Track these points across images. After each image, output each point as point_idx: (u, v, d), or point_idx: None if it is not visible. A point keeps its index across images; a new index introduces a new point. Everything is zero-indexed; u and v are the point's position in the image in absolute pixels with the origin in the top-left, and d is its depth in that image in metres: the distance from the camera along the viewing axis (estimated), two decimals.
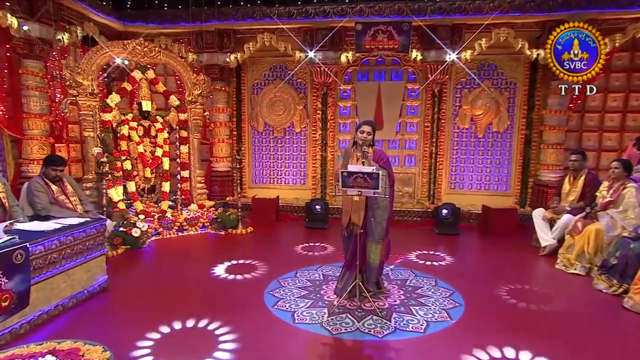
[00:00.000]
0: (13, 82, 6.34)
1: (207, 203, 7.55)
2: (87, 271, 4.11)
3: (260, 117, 8.55)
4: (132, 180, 6.81)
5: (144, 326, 3.53)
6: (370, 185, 3.71)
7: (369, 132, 3.99)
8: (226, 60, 7.92)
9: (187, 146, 7.46)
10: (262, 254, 5.71)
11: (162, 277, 4.87)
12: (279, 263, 5.25)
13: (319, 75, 7.80)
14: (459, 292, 4.39)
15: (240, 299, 4.15)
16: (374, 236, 4.03)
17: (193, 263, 5.31)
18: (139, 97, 6.99)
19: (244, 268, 5.08)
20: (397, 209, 7.87)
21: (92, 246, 4.18)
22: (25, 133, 6.40)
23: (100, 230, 4.30)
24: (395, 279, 4.80)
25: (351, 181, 3.74)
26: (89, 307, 3.95)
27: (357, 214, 4.02)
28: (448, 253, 5.90)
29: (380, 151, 4.13)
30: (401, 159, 8.29)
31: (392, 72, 8.10)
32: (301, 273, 4.91)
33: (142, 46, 6.87)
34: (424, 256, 5.70)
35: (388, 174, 4.00)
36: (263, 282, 4.58)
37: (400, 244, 6.35)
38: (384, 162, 4.02)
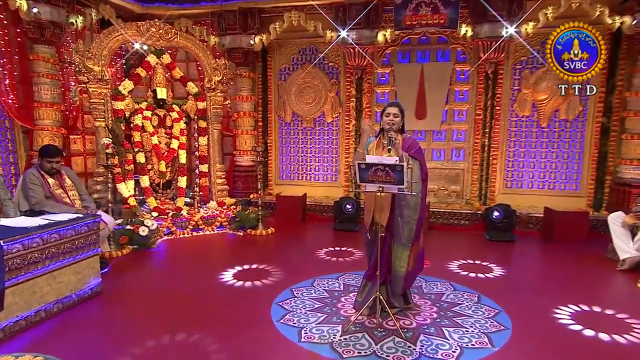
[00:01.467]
0: (24, 69, 6.44)
1: (228, 201, 7.39)
2: (76, 273, 3.98)
3: (288, 106, 8.31)
4: (145, 175, 6.75)
5: (129, 338, 3.33)
6: (393, 180, 3.31)
7: (395, 114, 3.64)
8: (250, 42, 7.72)
9: (206, 138, 7.33)
10: (279, 258, 5.47)
11: (164, 281, 4.73)
12: (296, 269, 5.01)
13: (353, 57, 7.42)
14: (507, 312, 3.88)
15: (243, 310, 3.90)
16: (400, 239, 3.63)
17: (201, 267, 5.16)
18: (153, 84, 6.92)
19: (256, 274, 4.86)
20: (442, 210, 7.36)
21: (83, 245, 4.05)
22: (36, 123, 6.50)
23: (93, 227, 4.17)
24: (430, 292, 4.35)
25: (370, 174, 3.37)
26: (76, 313, 3.82)
27: (381, 212, 3.65)
28: (498, 263, 5.36)
29: (411, 139, 3.72)
30: (447, 153, 7.77)
31: (437, 52, 7.59)
32: (319, 282, 4.59)
33: (158, 28, 6.78)
34: (467, 266, 5.21)
35: (420, 166, 3.59)
36: (273, 291, 4.31)
37: (440, 251, 5.91)
38: (415, 152, 3.62)
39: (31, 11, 6.03)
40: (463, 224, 7.30)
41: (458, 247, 6.19)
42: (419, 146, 3.68)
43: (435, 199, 7.79)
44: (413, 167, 3.51)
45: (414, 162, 3.53)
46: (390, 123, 3.59)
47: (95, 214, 4.30)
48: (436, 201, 7.73)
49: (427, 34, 7.42)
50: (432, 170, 7.77)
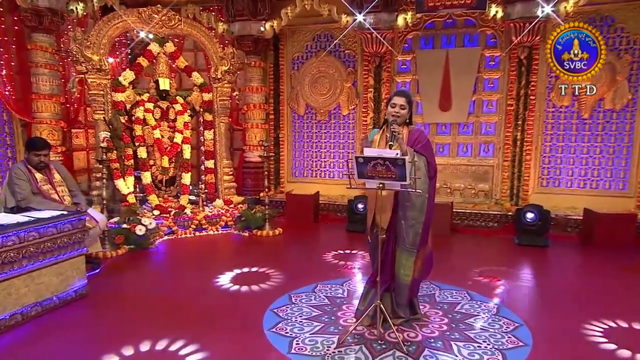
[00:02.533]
0: (21, 59, 6.53)
1: (236, 199, 7.33)
2: (58, 274, 3.95)
3: (301, 98, 8.19)
4: (147, 171, 6.75)
5: (106, 345, 3.28)
6: (394, 175, 3.13)
7: (402, 105, 3.44)
8: (260, 29, 7.63)
9: (212, 131, 7.29)
10: (282, 261, 5.38)
11: (156, 284, 4.70)
12: (299, 273, 4.91)
13: (371, 44, 7.23)
14: (529, 326, 3.63)
15: (233, 317, 3.81)
16: (404, 244, 3.45)
17: (198, 269, 5.11)
18: (155, 74, 6.90)
19: (255, 277, 4.77)
20: (468, 210, 7.09)
21: (66, 244, 4.02)
22: (34, 116, 6.58)
23: (78, 225, 4.14)
24: (442, 301, 4.13)
25: (369, 169, 3.20)
26: (56, 317, 3.79)
27: (382, 212, 3.48)
28: (526, 270, 5.08)
29: (419, 132, 3.53)
30: (475, 148, 7.50)
31: (464, 37, 7.32)
32: (322, 287, 4.46)
33: (161, 15, 6.76)
34: (490, 273, 4.96)
35: (427, 162, 3.41)
36: (270, 297, 4.21)
37: (461, 256, 5.71)
38: (422, 146, 3.43)
39: None
40: (491, 227, 7.01)
41: (482, 251, 5.95)
42: (426, 140, 3.48)
43: (461, 198, 7.53)
44: (419, 163, 3.32)
45: (420, 159, 3.35)
46: (396, 115, 3.41)
47: (80, 211, 4.26)
48: (462, 201, 7.48)
49: (452, 16, 7.14)
50: (458, 167, 7.55)
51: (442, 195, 7.60)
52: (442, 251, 5.84)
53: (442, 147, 7.64)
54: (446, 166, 7.61)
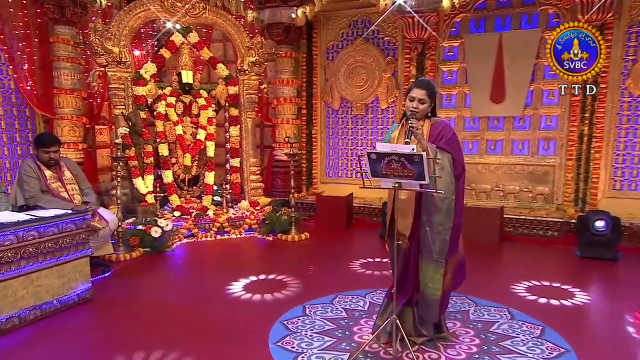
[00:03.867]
0: (44, 53, 6.81)
1: (263, 201, 7.34)
2: (60, 277, 4.06)
3: (336, 91, 8.13)
4: (169, 169, 6.87)
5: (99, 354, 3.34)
6: (412, 174, 2.98)
7: (421, 99, 3.27)
8: (292, 16, 7.62)
9: (237, 128, 7.34)
10: (304, 268, 5.32)
11: (165, 291, 4.76)
12: (319, 282, 4.86)
13: (412, 29, 7.04)
14: (578, 353, 3.36)
15: (239, 328, 3.79)
16: (430, 254, 3.27)
17: (212, 275, 5.16)
18: (179, 67, 7.02)
19: (271, 285, 4.74)
20: (523, 217, 6.78)
21: (69, 245, 4.12)
22: (56, 112, 6.84)
23: (82, 225, 4.23)
24: (477, 319, 3.91)
25: (383, 167, 3.06)
26: (56, 322, 3.89)
27: (403, 217, 3.34)
28: (585, 288, 4.76)
29: (442, 126, 3.35)
30: (533, 145, 7.17)
31: (522, 18, 7.00)
32: (342, 299, 4.36)
33: (184, 3, 6.87)
34: (540, 289, 4.69)
35: (453, 159, 3.23)
36: (283, 307, 4.16)
37: (509, 268, 5.51)
38: (446, 142, 3.24)
39: None
40: (550, 236, 6.63)
41: (535, 264, 5.63)
42: (452, 134, 3.30)
43: (516, 203, 7.22)
44: (442, 162, 3.16)
45: (444, 156, 3.18)
46: (414, 111, 3.26)
47: (84, 211, 4.36)
48: (517, 206, 7.18)
49: None
50: (513, 167, 7.27)
51: (495, 199, 7.34)
52: (487, 262, 5.62)
53: (494, 145, 7.35)
54: (499, 166, 7.34)
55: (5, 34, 6.37)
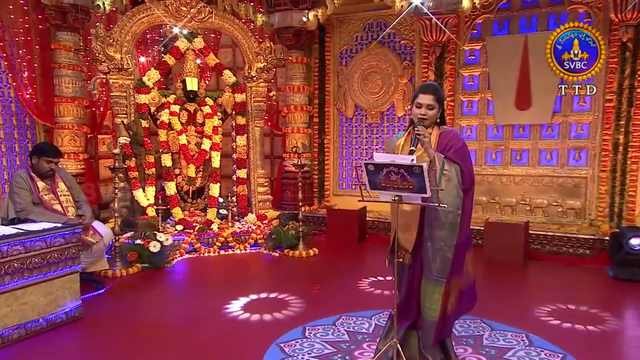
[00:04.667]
0: (45, 59, 6.93)
1: (271, 214, 7.31)
2: (47, 294, 4.05)
3: (350, 97, 8.13)
4: (171, 181, 6.89)
5: None
6: (412, 186, 2.91)
7: (429, 105, 3.21)
8: (303, 19, 7.64)
9: (244, 137, 7.34)
10: (308, 286, 5.27)
11: (160, 308, 4.75)
12: (323, 302, 4.80)
13: (430, 31, 6.98)
14: None
15: (230, 351, 3.75)
16: (430, 271, 3.19)
17: (211, 293, 5.15)
18: (183, 73, 7.07)
19: (271, 305, 4.70)
20: (551, 233, 6.61)
21: (57, 260, 4.12)
22: (56, 121, 6.93)
23: (71, 239, 4.24)
24: (490, 345, 3.79)
25: (382, 179, 3.01)
26: (40, 342, 3.88)
27: (406, 232, 3.27)
28: (615, 312, 4.58)
29: (451, 134, 3.28)
30: (562, 155, 7.02)
31: (549, 18, 6.91)
32: (345, 320, 4.29)
33: (189, 7, 6.93)
34: (563, 313, 4.52)
35: (461, 171, 3.15)
36: (281, 328, 4.10)
37: (532, 289, 5.39)
38: (453, 153, 3.17)
39: None
40: (581, 254, 6.42)
41: (562, 285, 5.48)
42: (461, 144, 3.22)
43: (543, 217, 7.07)
44: (449, 173, 3.09)
45: (451, 167, 3.11)
46: (422, 117, 3.21)
47: (74, 224, 4.37)
48: (545, 221, 7.03)
49: None
50: (540, 178, 7.14)
51: (520, 213, 7.19)
52: (507, 282, 5.50)
53: (520, 155, 7.23)
54: (525, 178, 7.21)
55: (5, 41, 6.50)
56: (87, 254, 4.86)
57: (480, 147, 7.44)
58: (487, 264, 6.11)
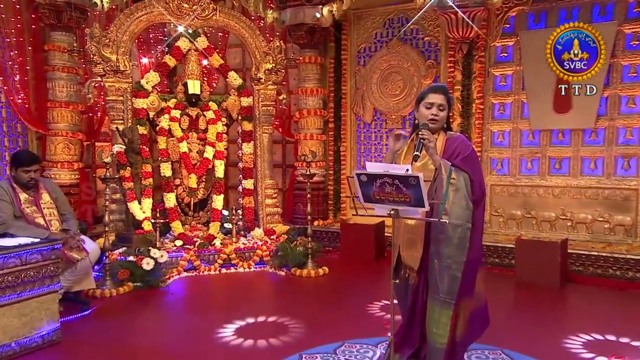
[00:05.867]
0: (38, 62, 7.06)
1: (279, 228, 7.27)
2: (21, 315, 4.05)
3: (368, 101, 8.11)
4: (171, 192, 6.90)
5: None
6: (408, 199, 2.85)
7: (441, 105, 3.22)
8: (316, 15, 7.61)
9: (251, 144, 7.34)
10: (312, 309, 5.27)
11: (148, 332, 4.75)
12: (326, 327, 4.74)
13: (456, 27, 6.89)
14: None
15: None
16: (436, 292, 3.15)
17: (205, 316, 5.07)
18: (184, 76, 7.10)
19: (268, 329, 4.68)
20: (595, 253, 6.34)
21: (33, 279, 4.12)
22: (49, 127, 7.04)
23: (49, 256, 4.24)
24: None
25: (375, 190, 2.99)
26: None
27: (411, 248, 3.29)
28: None
29: (459, 140, 3.27)
30: (608, 164, 6.85)
31: (592, 8, 6.76)
32: (348, 347, 4.19)
33: (191, 3, 6.97)
34: (601, 345, 4.33)
35: (470, 181, 3.11)
36: (276, 356, 4.05)
37: (567, 316, 5.21)
38: (461, 160, 3.14)
39: None
40: (631, 277, 6.15)
41: (603, 312, 5.28)
42: (470, 151, 3.20)
43: (587, 234, 6.88)
44: (457, 182, 3.05)
45: (459, 176, 3.07)
46: (434, 117, 3.20)
47: (52, 239, 4.38)
48: (589, 238, 6.82)
49: None
50: (583, 190, 6.96)
51: (560, 229, 7.00)
52: (538, 308, 5.33)
53: (559, 164, 7.09)
54: (565, 189, 7.04)
55: None
56: (71, 271, 4.86)
57: (514, 154, 7.29)
58: (518, 287, 5.96)
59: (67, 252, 4.71)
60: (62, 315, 4.49)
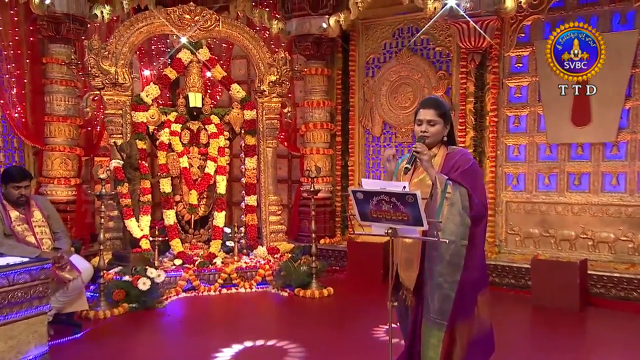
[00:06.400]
0: (36, 75, 7.15)
1: (284, 246, 7.26)
2: (8, 338, 4.01)
3: (377, 113, 8.12)
4: (170, 209, 6.91)
5: None
6: (406, 217, 2.86)
7: (430, 120, 3.23)
8: (323, 26, 7.65)
9: (254, 159, 7.35)
10: (313, 332, 5.23)
11: (140, 357, 4.75)
12: (326, 351, 4.71)
13: (468, 36, 6.86)
14: None
15: None
16: (428, 312, 3.15)
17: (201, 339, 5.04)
18: (186, 88, 7.14)
19: (265, 354, 4.65)
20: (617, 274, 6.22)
21: (21, 300, 4.09)
22: (47, 142, 7.10)
23: (38, 276, 4.21)
24: None
25: (372, 208, 2.99)
26: None
27: (408, 266, 3.36)
28: None
29: (459, 154, 3.27)
30: (631, 180, 6.74)
31: (612, 17, 6.72)
32: None
33: (193, 14, 7.02)
34: None
35: (468, 196, 3.08)
36: None
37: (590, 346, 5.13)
38: (459, 174, 3.12)
39: (43, 3, 6.64)
40: None
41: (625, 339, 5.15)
42: (469, 165, 3.18)
43: (609, 254, 6.75)
44: (452, 197, 3.02)
45: (455, 190, 3.04)
46: (424, 135, 3.23)
47: (42, 259, 4.36)
48: (611, 259, 6.70)
49: None
50: (605, 207, 6.83)
51: (581, 249, 6.87)
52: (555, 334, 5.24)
53: (578, 179, 6.98)
54: (585, 207, 6.93)
55: None
56: (62, 292, 4.83)
57: (530, 170, 7.21)
58: (534, 311, 5.89)
59: (58, 272, 4.69)
60: (53, 338, 4.49)
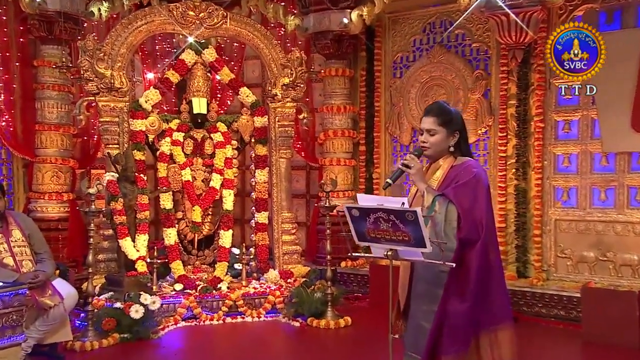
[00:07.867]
0: (26, 80, 7.26)
1: (299, 270, 7.21)
2: None
3: (405, 119, 8.06)
4: (171, 227, 6.91)
5: None
6: (407, 237, 2.78)
7: (431, 129, 3.19)
8: (344, 21, 7.62)
9: (265, 171, 7.32)
10: None
11: None
12: None
13: (509, 30, 6.81)
14: None
15: None
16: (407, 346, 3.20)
17: None
18: (189, 93, 7.15)
19: None
20: None
21: None
22: (37, 153, 7.20)
23: (12, 303, 4.23)
24: None
25: (369, 227, 2.91)
26: None
27: (402, 290, 3.36)
28: None
29: (464, 166, 3.17)
30: None
31: None
32: None
33: (197, 11, 7.04)
34: None
35: (457, 214, 2.98)
36: None
37: None
38: (454, 188, 3.06)
39: (34, 1, 6.76)
40: None
41: None
42: (470, 177, 3.06)
43: None
44: (437, 216, 2.97)
45: (442, 207, 2.97)
46: (423, 146, 3.24)
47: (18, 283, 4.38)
48: None
49: None
50: None
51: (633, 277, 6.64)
52: None
53: None
54: None
55: None
56: (43, 320, 4.84)
57: (584, 183, 7.03)
58: (585, 347, 5.74)
59: (38, 298, 4.70)
60: None
